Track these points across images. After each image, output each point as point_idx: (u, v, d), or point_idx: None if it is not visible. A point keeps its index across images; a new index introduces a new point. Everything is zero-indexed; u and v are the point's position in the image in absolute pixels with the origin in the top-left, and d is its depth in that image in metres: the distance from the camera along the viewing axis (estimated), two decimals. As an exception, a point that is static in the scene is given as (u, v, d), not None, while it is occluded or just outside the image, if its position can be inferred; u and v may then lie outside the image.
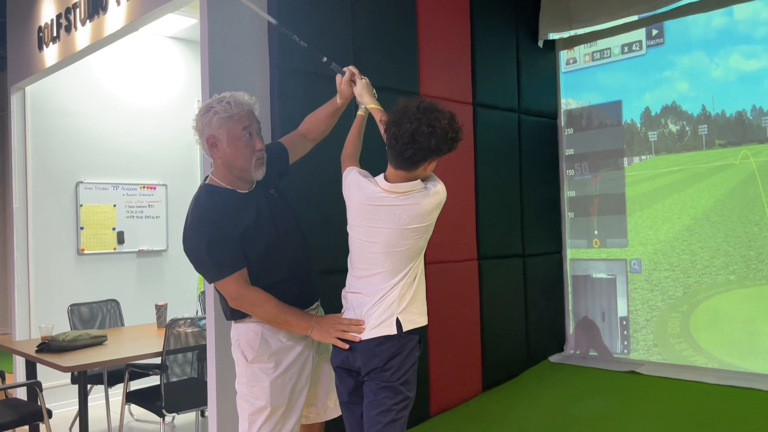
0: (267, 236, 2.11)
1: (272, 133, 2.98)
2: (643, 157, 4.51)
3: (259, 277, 2.11)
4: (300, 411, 2.20)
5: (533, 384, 4.20)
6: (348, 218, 2.10)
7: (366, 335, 1.99)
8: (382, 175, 2.02)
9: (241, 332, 2.16)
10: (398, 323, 1.98)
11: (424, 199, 1.96)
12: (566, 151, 4.91)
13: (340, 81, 2.32)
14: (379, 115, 2.17)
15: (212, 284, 2.12)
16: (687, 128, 4.30)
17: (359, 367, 2.02)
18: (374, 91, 2.29)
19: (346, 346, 2.01)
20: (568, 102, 4.92)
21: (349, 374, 2.07)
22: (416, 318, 2.03)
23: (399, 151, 1.90)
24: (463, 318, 4.00)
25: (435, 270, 3.75)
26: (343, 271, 2.16)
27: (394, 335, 1.97)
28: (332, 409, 2.34)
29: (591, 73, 4.78)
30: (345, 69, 2.31)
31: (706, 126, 4.22)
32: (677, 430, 3.29)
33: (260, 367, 2.13)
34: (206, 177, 2.23)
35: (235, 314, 2.16)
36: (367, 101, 2.25)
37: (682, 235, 4.30)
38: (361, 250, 2.05)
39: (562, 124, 4.93)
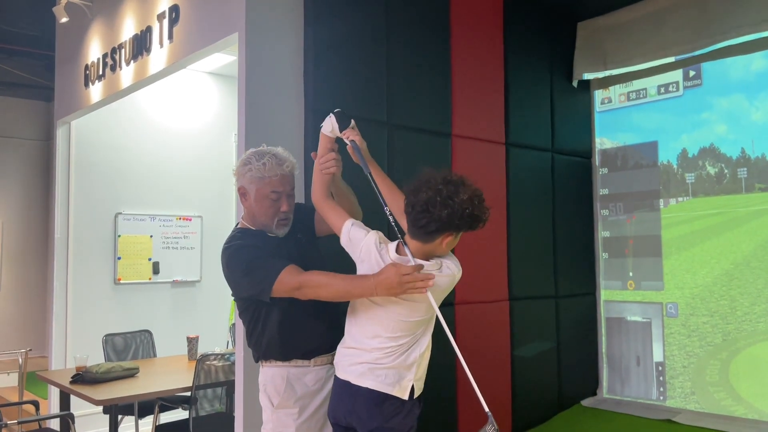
0: None
1: (305, 175, 2.99)
2: (680, 198, 4.43)
3: (289, 316, 2.13)
4: (325, 456, 2.20)
5: (564, 428, 4.10)
6: (359, 272, 2.05)
7: (371, 385, 1.95)
8: (394, 244, 1.98)
9: (268, 376, 2.18)
10: (412, 390, 1.97)
11: (438, 278, 1.90)
12: (600, 191, 4.86)
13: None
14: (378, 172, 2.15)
15: (278, 295, 2.01)
16: (726, 171, 4.22)
17: (354, 426, 1.98)
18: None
19: (424, 291, 1.85)
20: (602, 141, 4.88)
21: (346, 431, 2.04)
22: (422, 386, 2.03)
23: (413, 219, 1.88)
24: (493, 359, 3.95)
25: (465, 310, 3.72)
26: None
27: (395, 396, 1.95)
28: None
29: (626, 113, 4.74)
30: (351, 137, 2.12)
31: (745, 169, 4.13)
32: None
33: (285, 413, 2.14)
34: (237, 223, 2.33)
35: (265, 354, 2.18)
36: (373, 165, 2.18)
37: (721, 280, 4.19)
38: (369, 311, 2.00)
39: (597, 164, 4.88)
